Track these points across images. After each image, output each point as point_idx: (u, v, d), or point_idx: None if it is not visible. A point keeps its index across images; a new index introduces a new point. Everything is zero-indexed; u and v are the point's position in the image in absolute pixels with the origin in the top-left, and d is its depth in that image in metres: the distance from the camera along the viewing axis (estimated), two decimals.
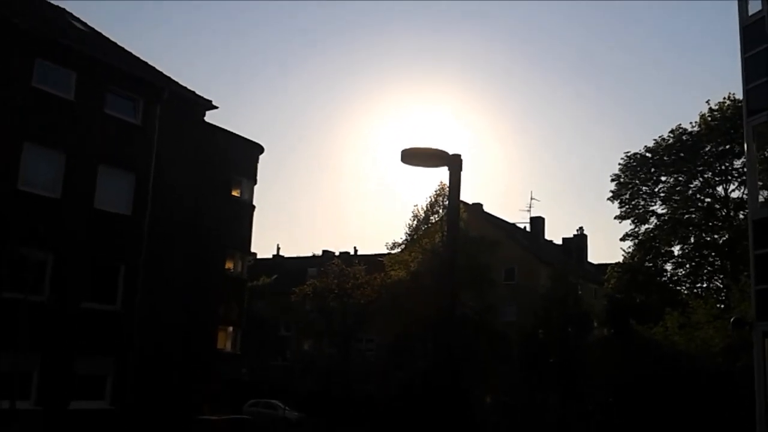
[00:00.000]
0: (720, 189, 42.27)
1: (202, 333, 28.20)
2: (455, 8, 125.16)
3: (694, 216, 43.05)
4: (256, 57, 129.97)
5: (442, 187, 37.97)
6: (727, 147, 40.36)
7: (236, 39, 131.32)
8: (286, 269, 63.90)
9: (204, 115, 28.39)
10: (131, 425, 23.50)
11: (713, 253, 42.19)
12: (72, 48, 23.42)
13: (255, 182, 31.90)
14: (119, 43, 28.25)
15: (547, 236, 63.35)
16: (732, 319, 20.59)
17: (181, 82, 27.90)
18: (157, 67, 27.91)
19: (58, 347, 22.18)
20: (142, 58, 28.03)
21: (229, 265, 31.13)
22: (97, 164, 23.71)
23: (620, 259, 44.31)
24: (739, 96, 26.66)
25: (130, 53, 27.86)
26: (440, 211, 40.37)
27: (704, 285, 42.51)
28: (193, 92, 27.90)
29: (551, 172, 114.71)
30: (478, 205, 54.75)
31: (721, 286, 39.60)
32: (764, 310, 17.73)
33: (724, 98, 40.96)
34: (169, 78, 27.58)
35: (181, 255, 26.30)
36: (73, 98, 23.25)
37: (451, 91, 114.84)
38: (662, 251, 43.43)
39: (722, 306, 33.34)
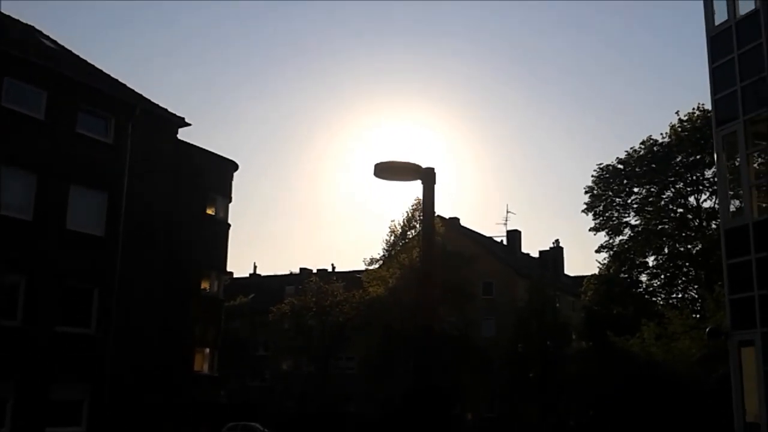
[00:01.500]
0: (692, 199, 42.83)
1: (179, 355, 27.80)
2: (428, 23, 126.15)
3: (667, 226, 43.53)
4: (229, 74, 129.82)
5: (419, 202, 38.01)
6: (698, 157, 40.94)
7: (209, 55, 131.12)
8: (264, 288, 63.47)
9: (177, 132, 28.18)
10: None
11: (687, 263, 42.65)
12: (42, 66, 23.14)
13: (230, 200, 31.66)
14: (90, 61, 28.04)
15: (524, 249, 63.70)
16: (707, 329, 20.74)
17: (153, 100, 27.73)
18: (129, 85, 27.74)
19: (33, 373, 21.73)
20: (113, 75, 27.85)
21: (204, 284, 30.78)
22: (68, 184, 23.37)
23: (596, 271, 44.66)
24: (708, 106, 27.08)
25: (101, 71, 27.64)
26: (417, 226, 40.44)
27: (679, 295, 42.93)
28: (166, 109, 27.72)
29: (526, 185, 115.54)
30: (455, 220, 54.93)
31: (696, 296, 40.00)
32: (739, 320, 17.89)
33: (694, 109, 41.65)
34: (140, 95, 27.38)
35: (156, 275, 25.98)
36: (43, 117, 22.94)
37: (426, 107, 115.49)
38: (637, 262, 43.83)
39: (698, 316, 33.67)
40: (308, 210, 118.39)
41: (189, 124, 28.21)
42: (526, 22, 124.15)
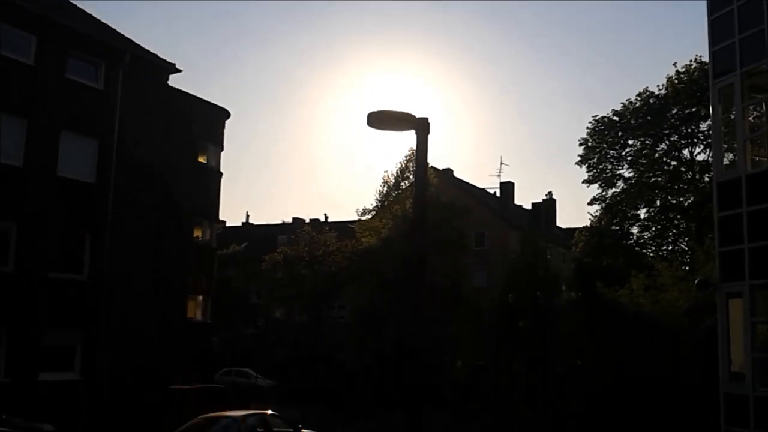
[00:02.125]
0: (686, 152, 42.83)
1: (172, 302, 27.99)
2: None
3: (660, 179, 43.60)
4: (221, 21, 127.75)
5: (412, 153, 37.90)
6: (694, 110, 40.78)
7: (201, 2, 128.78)
8: (256, 237, 63.65)
9: (167, 78, 27.86)
10: (101, 396, 23.38)
11: (678, 216, 42.86)
12: (31, 10, 22.72)
13: (222, 148, 31.48)
14: (80, 6, 27.56)
15: (517, 201, 63.86)
16: (696, 281, 20.92)
17: (144, 46, 27.32)
18: (120, 30, 27.30)
19: (25, 319, 21.88)
20: (103, 20, 27.39)
21: (197, 233, 30.82)
22: (59, 131, 23.20)
23: (588, 224, 44.85)
24: (706, 58, 26.82)
25: (91, 16, 27.16)
26: (410, 177, 40.34)
27: (670, 248, 43.25)
28: (156, 55, 27.34)
29: (521, 137, 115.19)
30: (449, 171, 54.85)
31: (686, 248, 40.31)
32: (728, 272, 18.03)
33: (691, 60, 41.31)
34: (131, 41, 26.97)
35: (148, 223, 25.99)
36: (33, 62, 22.64)
37: (422, 58, 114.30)
38: (629, 215, 44.01)
39: (687, 268, 33.96)
40: (301, 160, 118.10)
41: (180, 71, 27.88)
42: None
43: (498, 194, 61.16)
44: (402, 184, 41.54)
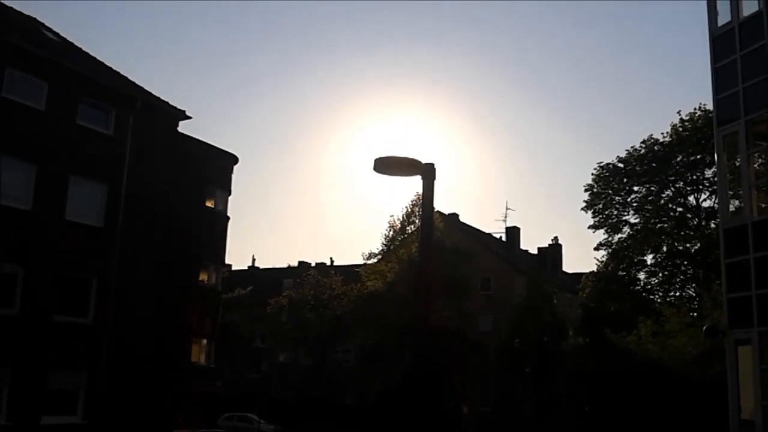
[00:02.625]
0: (691, 198, 42.87)
1: (176, 346, 27.86)
2: (430, 21, 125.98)
3: (666, 225, 43.57)
4: (230, 68, 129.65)
5: (418, 198, 38.08)
6: (698, 157, 40.96)
7: (211, 49, 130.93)
8: (262, 280, 63.53)
9: (177, 125, 28.17)
10: None
11: (686, 262, 42.69)
12: (44, 58, 23.15)
13: (229, 193, 31.68)
14: (91, 53, 28.02)
15: (523, 246, 63.76)
16: (705, 328, 20.78)
17: (154, 92, 27.71)
18: (130, 77, 27.72)
19: (30, 361, 21.79)
20: (114, 68, 27.83)
21: (203, 276, 30.83)
22: (68, 175, 23.40)
23: (594, 269, 44.70)
24: (710, 106, 27.07)
25: (102, 63, 27.62)
26: (416, 221, 40.48)
27: (677, 294, 42.98)
28: (166, 102, 27.70)
29: (526, 182, 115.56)
30: (454, 216, 54.95)
31: (694, 294, 40.05)
32: (736, 318, 17.93)
33: (695, 108, 41.63)
34: (141, 88, 27.36)
35: (154, 267, 26.01)
36: (44, 108, 22.96)
37: (427, 103, 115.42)
38: (635, 260, 43.87)
39: (695, 314, 33.69)
40: (308, 204, 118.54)
41: (189, 117, 28.22)
42: (528, 20, 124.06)
43: (504, 239, 61.14)
44: (408, 228, 41.66)
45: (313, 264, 62.60)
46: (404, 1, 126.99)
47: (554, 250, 63.35)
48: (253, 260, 74.54)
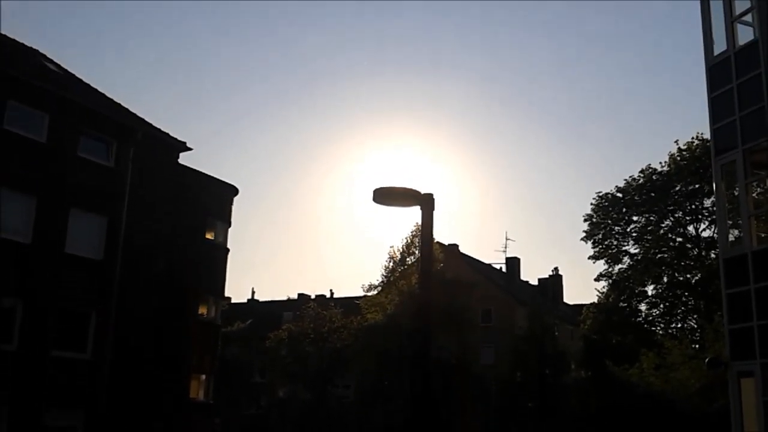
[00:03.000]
0: (691, 228, 42.91)
1: (175, 382, 27.57)
2: (428, 51, 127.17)
3: (666, 255, 43.54)
4: (230, 99, 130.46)
5: (418, 228, 38.01)
6: (697, 186, 41.09)
7: (211, 81, 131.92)
8: (261, 313, 63.15)
9: (178, 156, 28.23)
10: None
11: (686, 293, 42.59)
12: (45, 89, 23.25)
13: (229, 225, 31.61)
14: (93, 85, 28.20)
15: (523, 277, 63.55)
16: (707, 360, 20.64)
17: (154, 124, 27.83)
18: (131, 109, 27.86)
19: (27, 398, 21.55)
20: (115, 99, 27.99)
21: (202, 310, 30.61)
22: (68, 208, 23.36)
23: (595, 300, 44.59)
24: (707, 135, 27.18)
25: (103, 95, 27.77)
26: (416, 252, 40.34)
27: (679, 325, 42.84)
28: (167, 133, 27.80)
29: (526, 212, 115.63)
30: (454, 246, 54.85)
31: (695, 325, 39.91)
32: (738, 350, 17.79)
33: (693, 138, 41.88)
34: (142, 119, 27.48)
35: (154, 300, 25.87)
36: (45, 140, 23.00)
37: (426, 134, 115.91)
38: (636, 291, 43.78)
39: (697, 346, 33.54)
40: (307, 236, 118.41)
41: (190, 149, 28.30)
42: (528, 51, 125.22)
43: (504, 270, 61.00)
44: (408, 259, 41.50)
45: (312, 296, 62.33)
46: (403, 31, 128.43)
47: (555, 281, 63.16)
48: (253, 293, 74.26)
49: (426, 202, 8.42)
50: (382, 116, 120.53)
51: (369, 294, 43.08)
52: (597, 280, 45.19)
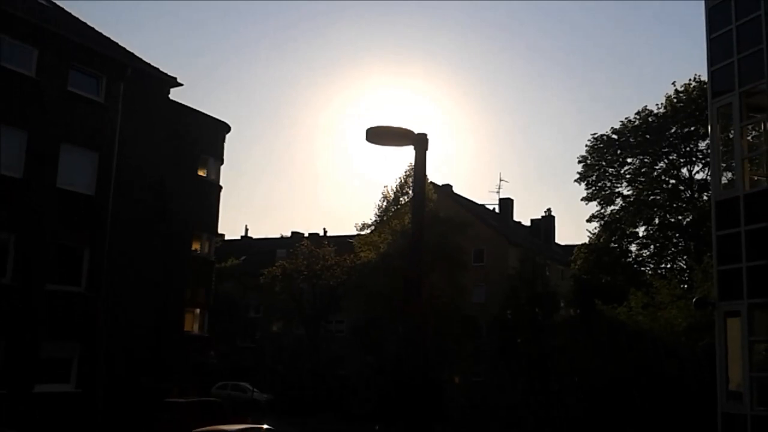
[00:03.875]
0: (685, 170, 42.93)
1: (170, 315, 27.92)
2: None
3: (658, 197, 43.64)
4: (223, 36, 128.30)
5: (412, 168, 37.88)
6: (692, 129, 40.90)
7: (203, 16, 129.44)
8: (255, 251, 63.57)
9: (168, 92, 27.93)
10: (98, 408, 23.28)
11: (677, 234, 42.85)
12: (33, 24, 22.81)
13: (222, 162, 31.53)
14: (82, 19, 27.65)
15: (516, 218, 63.83)
16: (695, 299, 20.91)
17: (145, 59, 27.41)
18: (121, 44, 27.39)
19: (22, 331, 21.81)
20: (105, 34, 27.48)
21: (196, 246, 30.81)
22: (59, 143, 23.22)
23: (587, 241, 44.84)
24: (705, 77, 26.92)
25: (93, 29, 27.27)
26: (410, 192, 40.36)
27: (668, 266, 43.21)
28: (157, 69, 27.43)
29: (520, 153, 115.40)
30: (448, 187, 54.88)
31: (685, 266, 40.28)
32: (726, 290, 18.02)
33: (690, 80, 41.48)
34: (132, 54, 27.06)
35: (147, 235, 25.96)
36: (34, 75, 22.70)
37: (421, 74, 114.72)
38: (627, 232, 44.00)
39: (685, 286, 33.90)
40: (301, 174, 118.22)
41: (181, 85, 27.97)
42: None
43: (497, 210, 61.19)
44: (401, 199, 41.56)
45: (306, 234, 62.62)
46: None
47: (547, 222, 63.44)
48: (246, 230, 74.56)
49: (419, 142, 8.37)
50: (377, 56, 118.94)
51: (362, 233, 43.29)
52: (589, 221, 45.37)
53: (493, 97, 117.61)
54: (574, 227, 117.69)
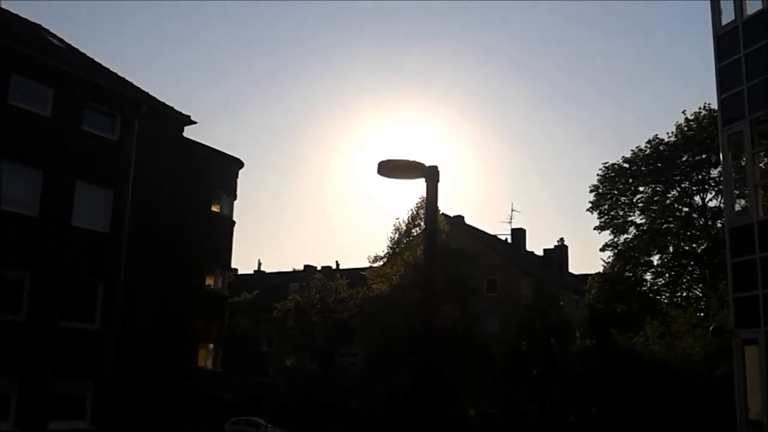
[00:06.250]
0: (697, 198, 42.79)
1: (183, 351, 27.89)
2: (433, 23, 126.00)
3: (672, 225, 43.47)
4: (235, 73, 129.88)
5: (423, 200, 37.96)
6: (704, 156, 40.87)
7: (216, 54, 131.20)
8: (268, 285, 63.58)
9: (183, 130, 28.24)
10: None
11: (692, 262, 42.57)
12: (49, 64, 23.21)
13: (235, 197, 31.71)
14: (96, 59, 28.10)
15: (528, 247, 63.63)
16: (711, 328, 20.73)
17: (159, 98, 27.77)
18: (135, 83, 27.79)
19: (37, 368, 21.83)
20: (119, 73, 27.91)
21: (209, 281, 30.85)
22: (74, 181, 23.45)
23: (600, 270, 44.62)
24: (715, 106, 26.99)
25: (107, 69, 27.70)
26: (421, 224, 40.45)
27: (683, 294, 42.88)
28: (172, 107, 27.77)
29: (532, 183, 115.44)
30: (460, 218, 54.92)
31: (701, 294, 39.95)
32: (743, 318, 17.87)
33: (700, 108, 41.57)
34: (147, 93, 27.43)
35: (161, 272, 26.05)
36: (49, 115, 23.01)
37: (432, 106, 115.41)
38: (641, 261, 43.77)
39: (701, 314, 33.62)
40: (313, 208, 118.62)
41: (195, 122, 28.28)
42: (531, 21, 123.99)
43: (509, 241, 61.07)
44: (413, 231, 41.62)
45: (318, 268, 62.65)
46: (410, 1, 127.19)
47: (560, 252, 63.23)
48: (259, 264, 74.76)
49: (430, 175, 8.42)
50: (389, 89, 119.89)
51: (375, 265, 43.30)
52: (602, 250, 45.23)
53: (503, 127, 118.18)
54: (587, 256, 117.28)
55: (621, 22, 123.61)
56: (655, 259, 43.84)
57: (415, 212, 41.75)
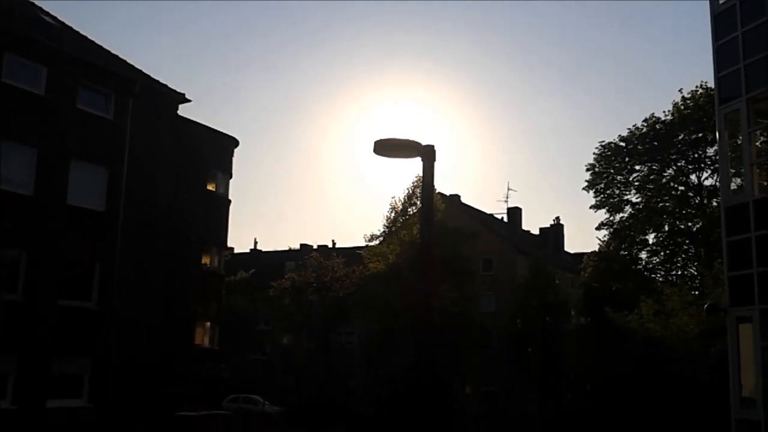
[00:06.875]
0: (693, 177, 42.82)
1: (180, 329, 28.01)
2: (432, 4, 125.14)
3: (668, 204, 43.55)
4: (231, 50, 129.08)
5: (420, 179, 37.88)
6: (700, 135, 40.85)
7: (210, 31, 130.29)
8: (264, 263, 63.66)
9: (177, 108, 28.16)
10: (109, 423, 23.33)
11: (687, 241, 42.71)
12: (42, 42, 23.06)
13: (230, 176, 31.71)
14: (90, 37, 27.91)
15: (525, 226, 63.79)
16: (706, 305, 20.83)
17: (153, 76, 27.62)
18: (129, 61, 27.65)
19: (35, 346, 21.91)
20: (113, 51, 27.74)
21: (205, 260, 30.93)
22: (69, 160, 23.40)
23: (596, 248, 44.74)
24: (711, 84, 26.92)
25: (101, 47, 27.52)
26: (418, 202, 40.37)
27: (679, 272, 43.04)
28: (166, 85, 27.66)
29: (528, 162, 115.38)
30: (456, 197, 54.90)
31: (695, 273, 40.11)
32: (737, 296, 17.95)
33: (697, 87, 41.44)
34: (141, 71, 27.29)
35: (157, 250, 26.10)
36: (43, 93, 22.91)
37: (428, 85, 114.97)
38: (637, 240, 43.89)
39: (696, 293, 33.77)
40: (309, 186, 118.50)
41: (189, 100, 28.19)
42: (529, 1, 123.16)
43: (505, 220, 61.13)
44: (409, 210, 41.58)
45: (315, 246, 62.67)
46: None
47: (556, 231, 63.35)
48: (255, 243, 74.73)
49: (427, 154, 8.41)
50: (386, 68, 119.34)
51: (371, 244, 43.28)
52: (598, 228, 45.30)
53: (500, 106, 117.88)
54: (583, 235, 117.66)
55: (619, 2, 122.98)
56: (651, 238, 43.99)
57: (411, 191, 41.66)
